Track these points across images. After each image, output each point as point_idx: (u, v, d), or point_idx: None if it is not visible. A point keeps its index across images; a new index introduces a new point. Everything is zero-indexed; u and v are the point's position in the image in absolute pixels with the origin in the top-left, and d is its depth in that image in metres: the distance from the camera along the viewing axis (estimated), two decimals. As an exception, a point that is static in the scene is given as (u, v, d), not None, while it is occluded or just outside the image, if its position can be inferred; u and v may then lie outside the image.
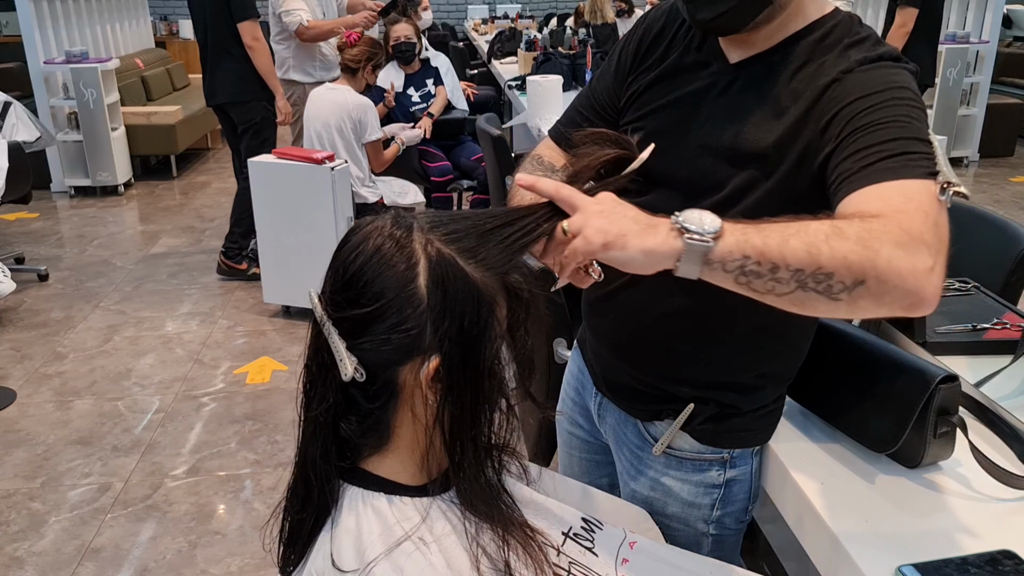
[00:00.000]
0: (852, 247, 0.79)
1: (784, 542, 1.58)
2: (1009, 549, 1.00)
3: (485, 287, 0.82)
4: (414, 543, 0.81)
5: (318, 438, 0.84)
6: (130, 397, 3.24)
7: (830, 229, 0.80)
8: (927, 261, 0.79)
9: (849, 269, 0.78)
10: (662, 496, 1.22)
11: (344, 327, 0.81)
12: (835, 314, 0.83)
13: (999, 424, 1.27)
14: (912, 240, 0.79)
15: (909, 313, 0.80)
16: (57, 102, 5.87)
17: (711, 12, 1.00)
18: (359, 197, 3.85)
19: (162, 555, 2.36)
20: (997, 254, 1.90)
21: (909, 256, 0.78)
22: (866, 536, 1.06)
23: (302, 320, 3.85)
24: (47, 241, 5.05)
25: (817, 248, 0.79)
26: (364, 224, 0.84)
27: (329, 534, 0.84)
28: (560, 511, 1.01)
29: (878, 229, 0.80)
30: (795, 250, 0.80)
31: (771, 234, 0.81)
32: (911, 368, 1.16)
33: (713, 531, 1.23)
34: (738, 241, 0.81)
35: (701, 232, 0.81)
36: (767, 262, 0.80)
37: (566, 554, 0.96)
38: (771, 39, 1.04)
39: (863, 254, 0.78)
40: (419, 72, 4.61)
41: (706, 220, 0.82)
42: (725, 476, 1.20)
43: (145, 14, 7.94)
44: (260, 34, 4.07)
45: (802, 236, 0.80)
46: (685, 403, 1.16)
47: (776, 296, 0.82)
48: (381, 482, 0.86)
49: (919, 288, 0.78)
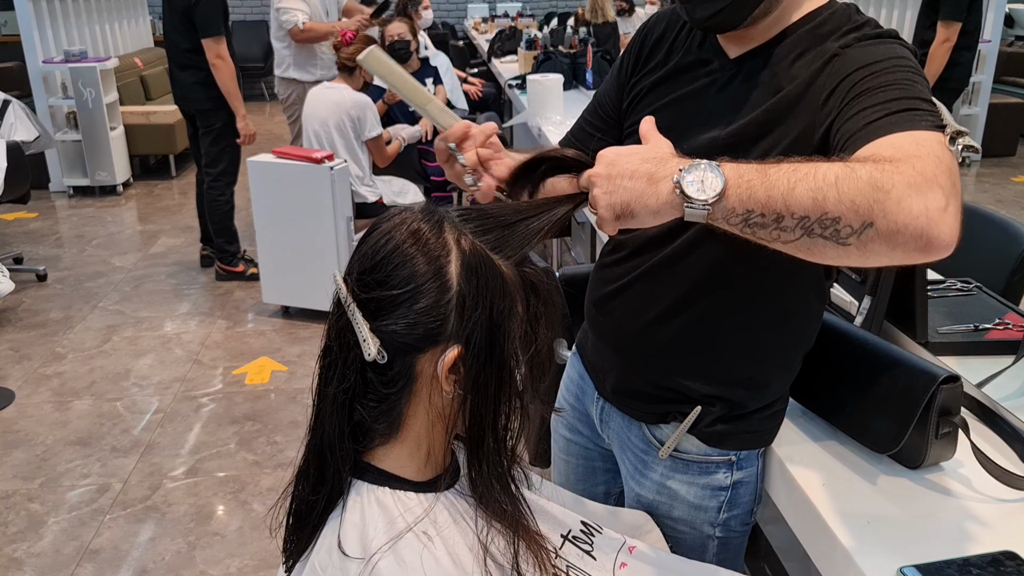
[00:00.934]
0: (862, 188, 0.76)
1: (785, 543, 1.58)
2: (1011, 550, 1.00)
3: (510, 280, 0.84)
4: (418, 536, 0.81)
5: (335, 417, 0.85)
6: (129, 398, 3.24)
7: (841, 171, 0.78)
8: (940, 201, 0.76)
9: (857, 212, 0.76)
10: (668, 499, 1.21)
11: (369, 308, 0.81)
12: (847, 260, 0.80)
13: (1001, 425, 1.27)
14: (925, 181, 0.77)
15: (924, 257, 0.77)
16: (56, 102, 5.86)
17: (708, 10, 1.01)
18: (358, 196, 3.85)
19: (161, 556, 2.36)
20: (999, 254, 1.90)
21: (921, 196, 0.76)
22: (868, 537, 1.05)
23: (301, 320, 3.85)
24: (46, 241, 5.05)
25: (823, 194, 0.77)
26: (395, 213, 0.85)
27: (338, 521, 0.84)
28: (559, 514, 1.01)
29: (890, 170, 0.77)
30: (800, 198, 0.78)
31: (777, 183, 0.79)
32: (913, 368, 1.15)
33: (719, 534, 1.22)
34: (740, 199, 0.80)
35: (700, 198, 0.81)
36: (771, 213, 0.79)
37: (564, 557, 0.96)
38: (769, 32, 1.05)
39: (872, 196, 0.76)
40: (418, 72, 4.60)
41: (707, 183, 0.81)
42: (732, 478, 1.20)
43: (144, 13, 7.93)
44: (224, 52, 3.97)
45: (809, 182, 0.78)
46: (692, 404, 1.16)
47: (783, 244, 0.81)
48: (386, 476, 0.86)
49: (931, 227, 0.75)
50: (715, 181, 0.81)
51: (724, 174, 0.81)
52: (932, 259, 0.78)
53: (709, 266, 1.09)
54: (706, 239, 1.06)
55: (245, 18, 9.96)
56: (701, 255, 1.09)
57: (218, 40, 3.94)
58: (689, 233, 1.08)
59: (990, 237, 1.95)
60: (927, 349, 1.46)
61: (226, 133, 4.16)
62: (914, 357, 1.18)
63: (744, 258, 0.97)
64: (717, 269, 1.09)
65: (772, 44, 1.05)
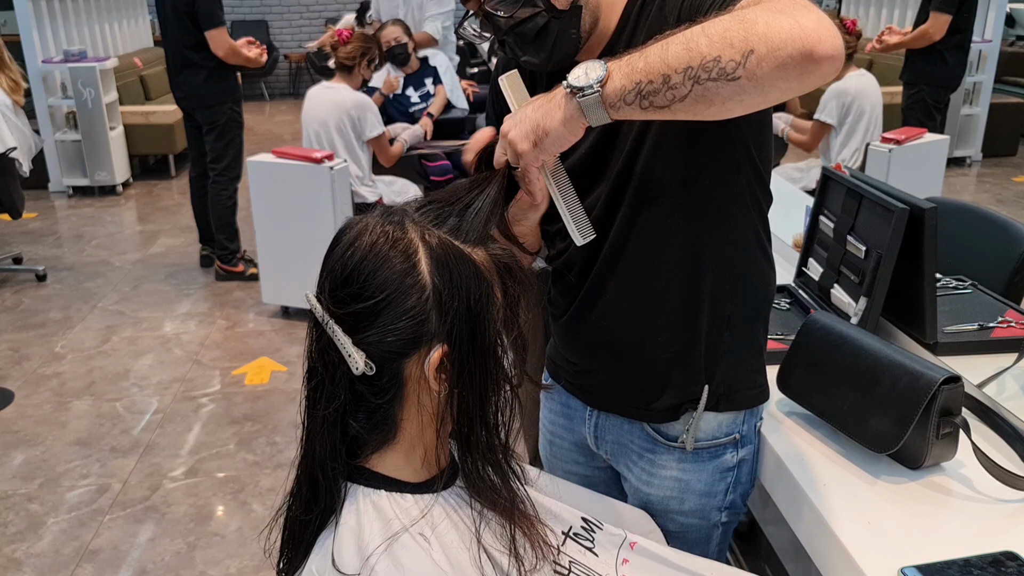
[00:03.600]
0: (728, 24, 0.82)
1: (786, 543, 1.58)
2: (1012, 550, 1.00)
3: (482, 265, 0.84)
4: (413, 537, 0.81)
5: (327, 437, 0.84)
6: (128, 398, 3.23)
7: (706, 21, 0.84)
8: (809, 15, 0.81)
9: (732, 45, 0.81)
10: (679, 493, 1.21)
11: (348, 323, 0.81)
12: (749, 97, 0.84)
13: (1002, 425, 1.26)
14: (788, 6, 0.82)
15: (815, 68, 0.81)
16: (55, 101, 5.86)
17: (539, 56, 1.04)
18: (358, 196, 3.84)
19: (161, 556, 2.35)
20: (1000, 254, 1.90)
21: (786, 15, 0.81)
22: (868, 537, 1.05)
23: (301, 320, 3.85)
24: (45, 241, 5.05)
25: (695, 40, 0.83)
26: (355, 222, 0.85)
27: (333, 533, 0.84)
28: (560, 511, 1.01)
29: (752, 5, 0.84)
30: (675, 53, 0.84)
31: (652, 50, 0.86)
32: (914, 369, 1.15)
33: (724, 519, 1.23)
34: (625, 74, 0.87)
35: (588, 85, 0.88)
36: (657, 76, 0.85)
37: (566, 553, 0.96)
38: (601, 41, 1.08)
39: (740, 27, 0.82)
40: (418, 72, 4.59)
41: (592, 72, 0.89)
42: (737, 457, 1.21)
43: (144, 13, 7.93)
44: (227, 40, 3.97)
45: (678, 37, 0.85)
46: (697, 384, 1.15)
47: (682, 103, 0.85)
48: (383, 479, 0.86)
49: (806, 36, 0.79)
50: (596, 67, 0.89)
51: (605, 63, 0.89)
52: (824, 73, 0.81)
53: (653, 237, 1.09)
54: (640, 208, 1.08)
55: (245, 18, 9.96)
56: (641, 229, 1.09)
57: (221, 31, 3.96)
58: (621, 213, 1.09)
59: (991, 237, 1.95)
60: (936, 349, 1.46)
61: (230, 127, 4.17)
62: (915, 357, 1.18)
63: (680, 208, 1.06)
64: (661, 239, 1.09)
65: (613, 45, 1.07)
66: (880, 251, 1.44)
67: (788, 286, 1.80)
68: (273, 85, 10.17)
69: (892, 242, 1.41)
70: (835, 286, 1.62)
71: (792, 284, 1.80)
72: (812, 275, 1.72)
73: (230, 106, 4.13)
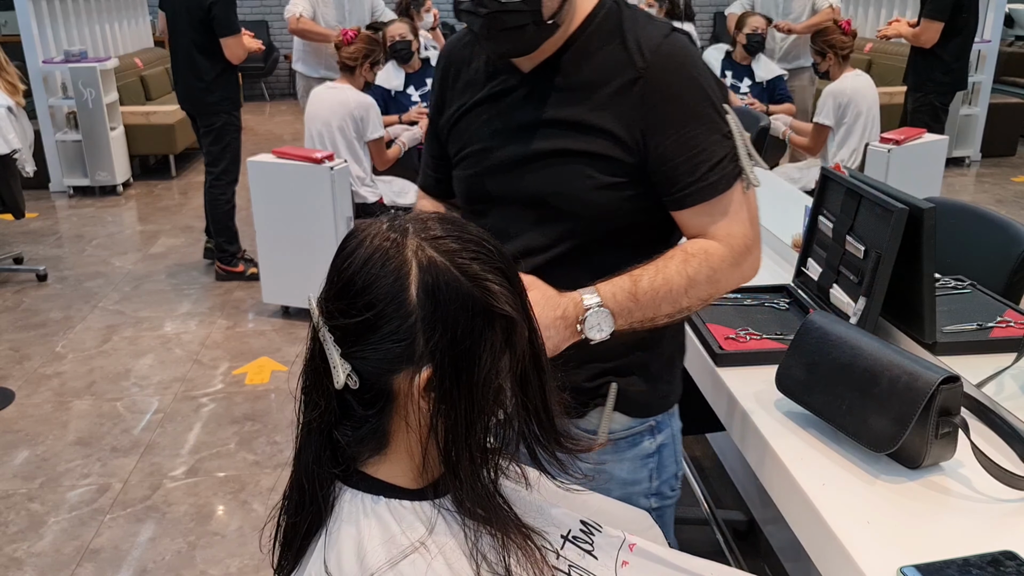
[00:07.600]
0: (705, 289, 1.13)
1: (785, 543, 1.58)
2: (1011, 550, 1.00)
3: (479, 295, 0.80)
4: (415, 548, 0.80)
5: (312, 443, 0.84)
6: (129, 398, 3.24)
7: (687, 284, 1.11)
8: (752, 260, 1.17)
9: (703, 301, 1.16)
10: (603, 484, 1.23)
11: (337, 335, 0.81)
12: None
13: (1001, 425, 1.27)
14: (741, 254, 1.14)
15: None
16: (56, 102, 5.86)
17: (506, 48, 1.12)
18: (359, 197, 3.85)
19: (161, 556, 2.36)
20: (999, 254, 1.90)
21: (740, 268, 1.15)
22: (868, 537, 1.05)
23: (301, 320, 3.85)
24: (46, 241, 5.05)
25: (680, 305, 1.13)
26: (361, 230, 0.83)
27: (323, 541, 0.83)
28: (558, 514, 1.01)
29: (717, 260, 1.13)
30: (665, 311, 1.13)
31: (648, 305, 1.11)
32: (913, 369, 1.15)
33: (654, 504, 1.27)
34: (626, 322, 1.11)
35: (602, 336, 1.10)
36: (648, 321, 1.13)
37: (566, 557, 0.96)
38: (556, 44, 1.15)
39: (711, 290, 1.14)
40: (419, 71, 4.59)
41: (605, 326, 1.09)
42: (656, 442, 1.26)
43: (144, 14, 7.93)
44: (242, 47, 4.00)
45: (669, 300, 1.11)
46: (606, 383, 1.21)
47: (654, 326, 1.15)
48: (381, 485, 0.85)
49: (747, 276, 1.18)
50: (607, 322, 1.09)
51: (611, 311, 1.09)
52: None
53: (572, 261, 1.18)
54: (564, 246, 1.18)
55: (245, 18, 9.94)
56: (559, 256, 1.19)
57: (237, 38, 3.98)
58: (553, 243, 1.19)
59: (990, 237, 1.96)
60: (936, 349, 1.46)
61: (227, 131, 4.16)
62: (914, 357, 1.19)
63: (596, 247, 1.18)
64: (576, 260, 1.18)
65: (561, 53, 1.15)
66: (879, 251, 1.45)
67: (787, 286, 1.80)
68: (273, 85, 10.17)
69: (891, 242, 1.42)
70: (834, 286, 1.62)
71: (791, 284, 1.81)
72: (811, 275, 1.73)
73: (228, 110, 4.13)
